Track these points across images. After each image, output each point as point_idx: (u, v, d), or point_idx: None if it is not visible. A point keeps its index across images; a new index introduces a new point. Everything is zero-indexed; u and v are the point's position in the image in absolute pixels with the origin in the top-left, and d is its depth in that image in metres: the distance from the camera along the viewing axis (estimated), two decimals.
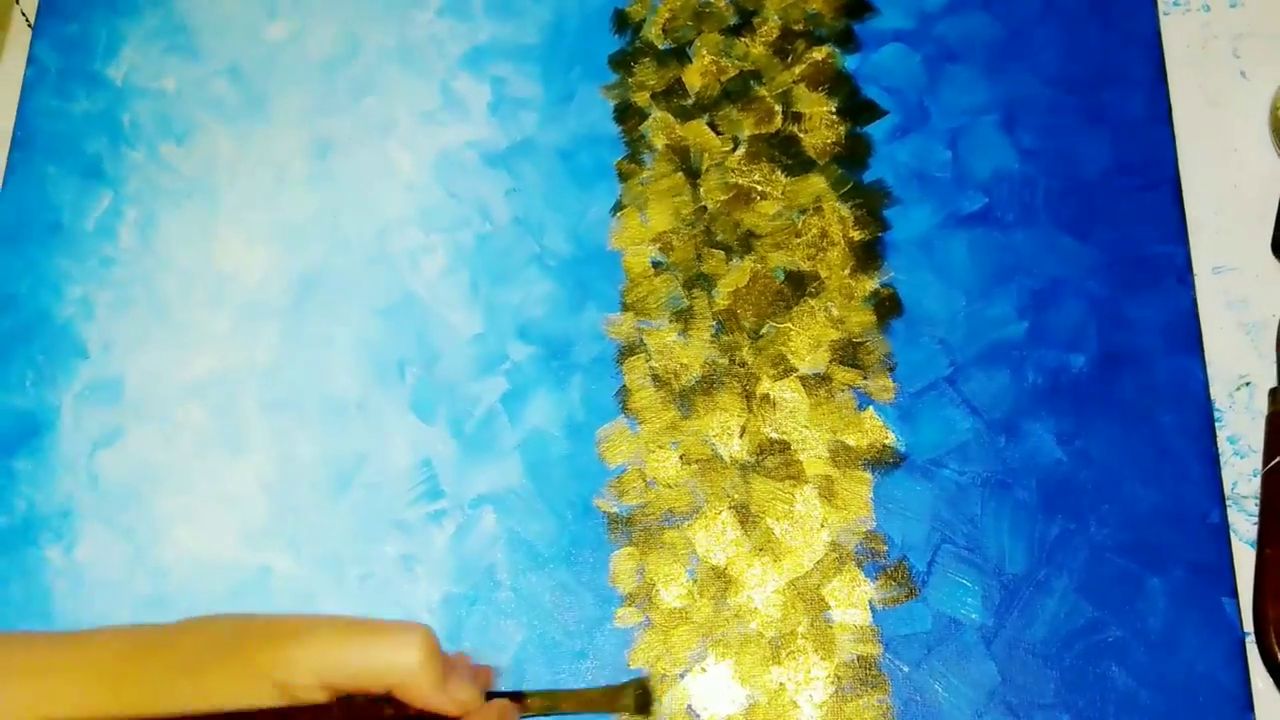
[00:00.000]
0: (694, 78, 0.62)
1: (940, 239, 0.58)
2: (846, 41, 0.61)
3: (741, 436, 0.55)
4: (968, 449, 0.55)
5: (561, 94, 0.62)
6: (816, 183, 0.59)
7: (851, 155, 0.60)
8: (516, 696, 0.40)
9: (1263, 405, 0.54)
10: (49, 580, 0.55)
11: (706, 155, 0.60)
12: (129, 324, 0.59)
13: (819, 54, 0.61)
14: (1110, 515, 0.53)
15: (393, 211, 0.61)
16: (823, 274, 0.58)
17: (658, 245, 0.59)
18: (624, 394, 0.56)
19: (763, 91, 0.61)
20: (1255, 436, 0.54)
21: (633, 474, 0.55)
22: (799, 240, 0.58)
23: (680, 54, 0.62)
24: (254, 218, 0.61)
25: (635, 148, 0.61)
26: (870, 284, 0.57)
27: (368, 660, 0.35)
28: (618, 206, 0.60)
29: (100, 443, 0.57)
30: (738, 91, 0.61)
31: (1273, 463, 0.52)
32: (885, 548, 0.53)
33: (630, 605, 0.53)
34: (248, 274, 0.60)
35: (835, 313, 0.57)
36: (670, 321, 0.57)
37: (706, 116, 0.61)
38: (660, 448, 0.55)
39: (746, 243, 0.58)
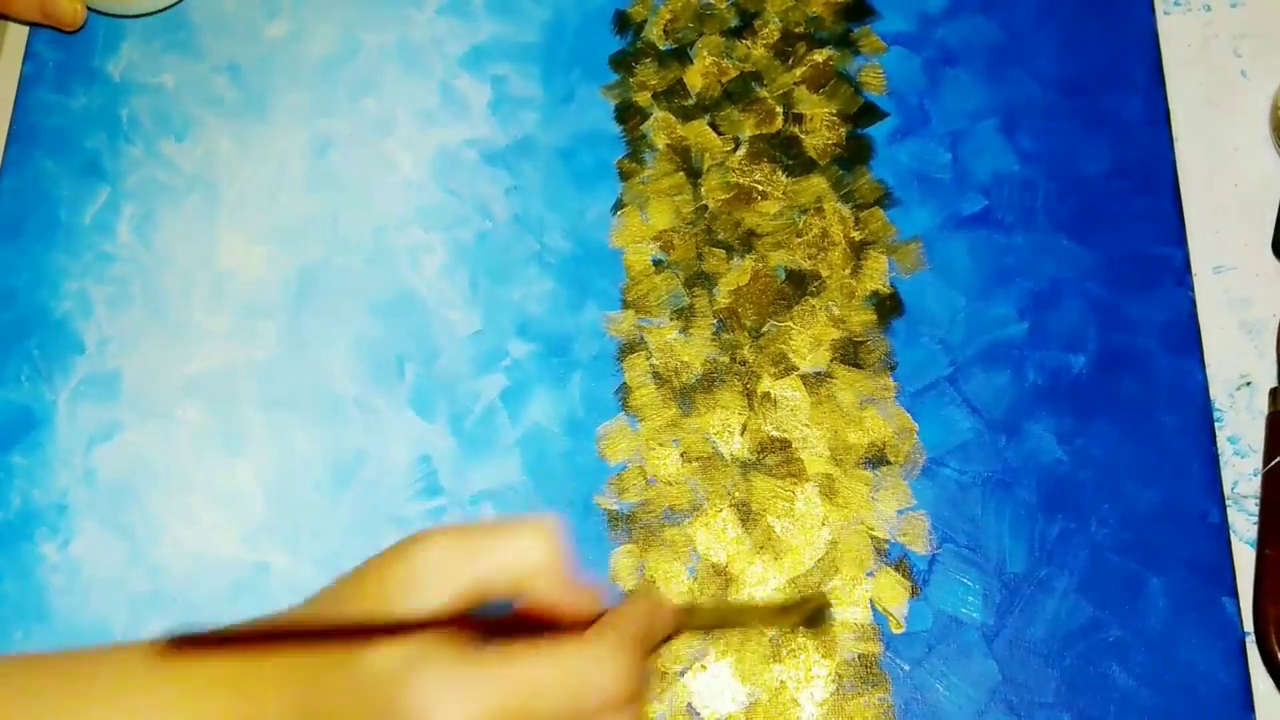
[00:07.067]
0: (695, 78, 0.62)
1: (940, 240, 0.58)
2: (846, 44, 0.62)
3: (742, 434, 0.55)
4: (968, 448, 0.55)
5: (562, 93, 0.62)
6: (817, 183, 0.59)
7: (853, 156, 0.60)
8: (684, 610, 0.41)
9: (1263, 405, 0.54)
10: (45, 576, 0.54)
11: (707, 155, 0.60)
12: (126, 320, 0.59)
13: (819, 56, 0.62)
14: (1110, 515, 0.53)
15: (392, 209, 0.60)
16: (823, 273, 0.58)
17: (658, 243, 0.59)
18: (624, 391, 0.56)
19: (764, 93, 0.61)
20: (1255, 436, 0.54)
21: (633, 471, 0.55)
22: (800, 240, 0.58)
23: (681, 55, 0.62)
24: (253, 215, 0.61)
25: (636, 147, 0.61)
26: (871, 284, 0.57)
27: (495, 556, 0.35)
28: (618, 205, 0.60)
29: (97, 438, 0.57)
30: (739, 92, 0.61)
31: (1273, 463, 0.52)
32: (886, 546, 0.53)
33: None
34: (246, 271, 0.59)
35: (836, 312, 0.57)
36: (671, 319, 0.57)
37: (707, 117, 0.61)
38: (661, 445, 0.55)
39: (747, 242, 0.58)
